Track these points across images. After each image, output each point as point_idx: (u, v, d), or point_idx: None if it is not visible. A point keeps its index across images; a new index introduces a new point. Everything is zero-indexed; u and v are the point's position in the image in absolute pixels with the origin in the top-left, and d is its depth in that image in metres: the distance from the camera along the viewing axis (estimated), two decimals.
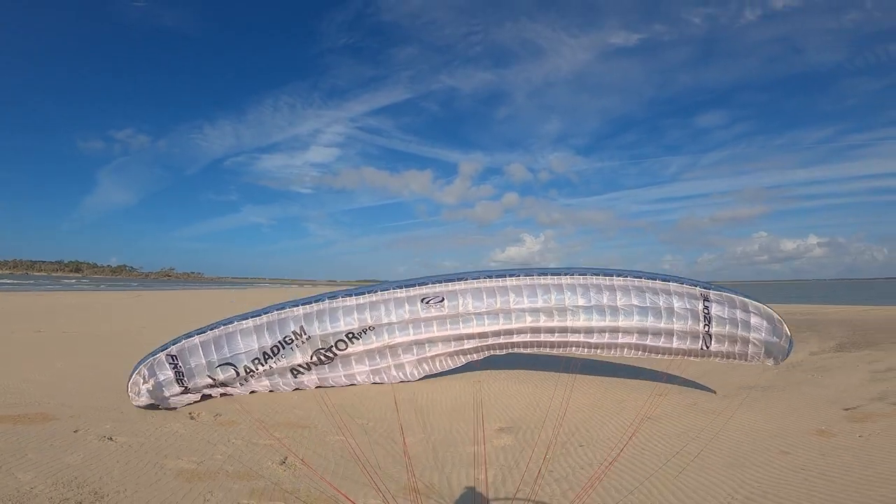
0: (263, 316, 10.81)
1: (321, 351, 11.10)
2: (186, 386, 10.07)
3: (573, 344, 11.84)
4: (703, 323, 11.35)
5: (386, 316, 11.36)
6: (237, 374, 10.56)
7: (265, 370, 10.78)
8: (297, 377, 11.19)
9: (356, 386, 11.66)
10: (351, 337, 11.22)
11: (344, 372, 11.52)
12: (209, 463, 6.82)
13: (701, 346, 11.49)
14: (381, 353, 11.64)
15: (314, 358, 11.08)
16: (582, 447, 7.94)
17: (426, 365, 12.03)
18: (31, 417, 8.28)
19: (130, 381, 9.43)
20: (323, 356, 11.16)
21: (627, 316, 11.50)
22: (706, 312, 11.33)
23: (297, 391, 11.19)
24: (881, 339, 19.39)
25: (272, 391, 11.05)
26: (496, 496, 6.11)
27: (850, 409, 9.72)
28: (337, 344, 11.18)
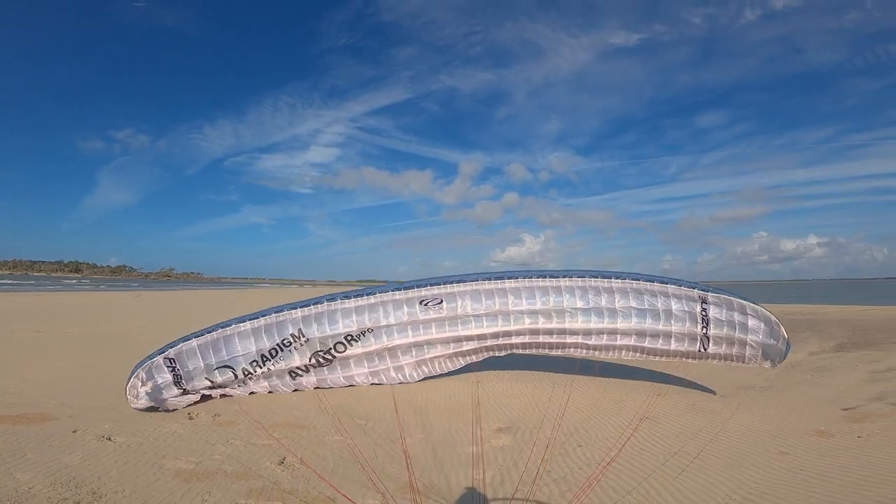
0: (261, 318, 10.80)
1: (320, 353, 11.10)
2: (185, 388, 10.07)
3: (572, 346, 11.86)
4: (700, 325, 11.35)
5: (384, 318, 11.37)
6: (235, 376, 10.56)
7: (263, 372, 10.77)
8: (295, 379, 11.19)
9: (355, 386, 11.68)
10: (350, 339, 11.22)
11: (343, 374, 11.52)
12: (207, 463, 6.82)
13: (699, 348, 11.50)
14: (379, 355, 11.64)
15: (313, 360, 11.08)
16: (580, 447, 7.94)
17: (425, 367, 12.04)
18: (30, 417, 8.29)
19: (129, 384, 9.44)
20: (322, 358, 11.16)
21: (626, 318, 11.50)
22: (704, 315, 11.33)
23: (296, 392, 11.21)
24: (881, 339, 19.41)
25: (271, 392, 11.06)
26: (494, 496, 6.12)
27: (849, 409, 9.73)
28: (336, 346, 11.19)
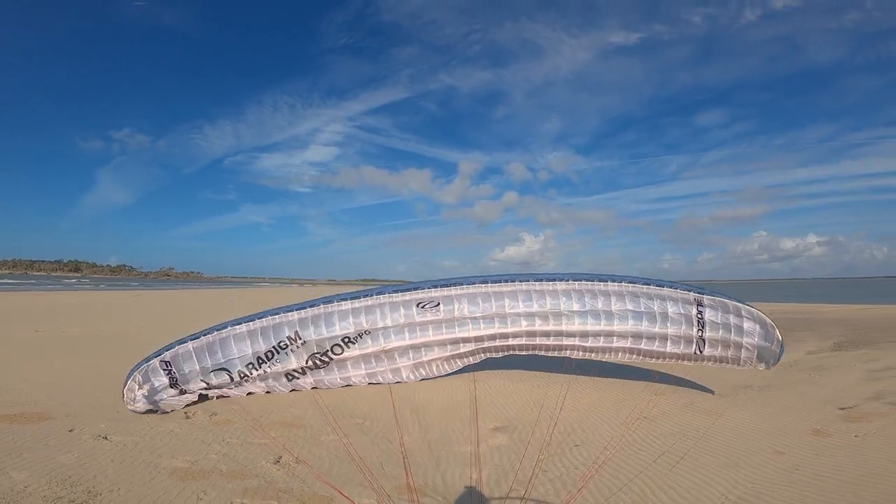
0: (257, 321, 10.76)
1: (317, 355, 11.08)
2: (182, 389, 10.07)
3: (568, 348, 11.86)
4: (696, 328, 11.35)
5: (381, 320, 11.35)
6: (231, 379, 10.54)
7: (259, 374, 10.74)
8: (291, 381, 11.18)
9: (352, 386, 11.68)
10: (347, 341, 11.19)
11: (340, 376, 11.50)
12: (203, 462, 6.82)
13: (694, 350, 11.50)
14: (376, 357, 11.62)
15: (309, 362, 11.07)
16: (577, 447, 7.95)
17: (423, 369, 12.04)
18: (27, 417, 8.30)
19: (125, 387, 9.44)
20: (318, 360, 11.14)
21: (622, 320, 11.49)
22: (700, 317, 11.33)
23: (293, 391, 11.20)
24: (878, 338, 19.43)
25: (269, 392, 11.06)
26: (491, 495, 6.13)
27: (845, 408, 9.73)
28: (333, 348, 11.16)
